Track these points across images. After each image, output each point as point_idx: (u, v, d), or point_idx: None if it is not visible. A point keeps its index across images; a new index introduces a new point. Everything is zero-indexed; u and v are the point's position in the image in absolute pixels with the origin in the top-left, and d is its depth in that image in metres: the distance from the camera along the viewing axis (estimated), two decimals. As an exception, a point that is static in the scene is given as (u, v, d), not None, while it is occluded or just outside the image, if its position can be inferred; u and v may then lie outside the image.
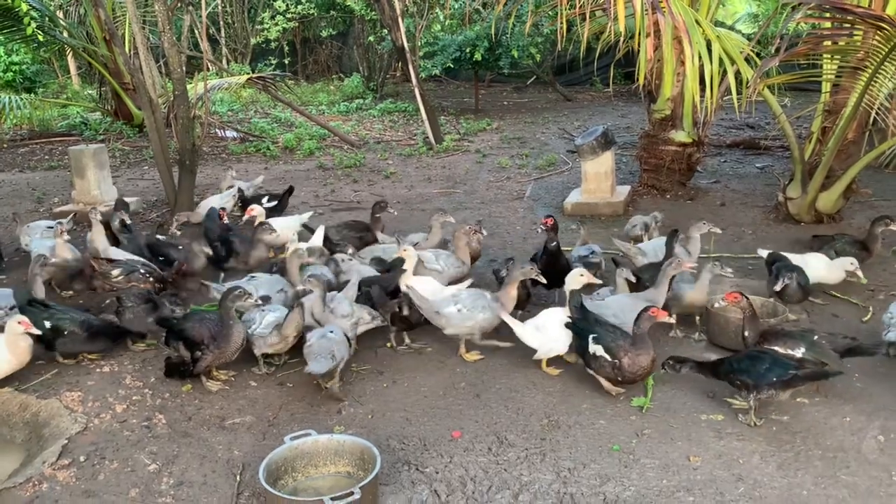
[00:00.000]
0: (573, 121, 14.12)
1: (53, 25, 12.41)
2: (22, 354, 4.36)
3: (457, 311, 4.64)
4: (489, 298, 4.71)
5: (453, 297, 4.75)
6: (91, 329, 4.63)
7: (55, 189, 9.71)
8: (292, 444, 3.56)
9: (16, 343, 4.32)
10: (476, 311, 4.64)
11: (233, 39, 19.95)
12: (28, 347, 4.38)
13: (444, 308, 4.68)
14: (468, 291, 4.87)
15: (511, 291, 4.71)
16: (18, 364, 4.38)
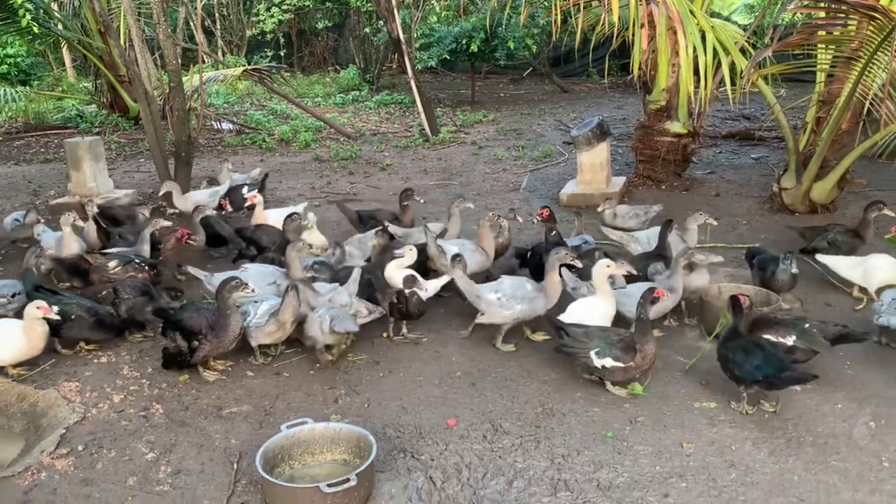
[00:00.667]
0: (569, 112, 14.13)
1: (48, 17, 12.36)
2: (37, 340, 4.38)
3: (496, 298, 4.64)
4: (531, 289, 4.69)
5: (496, 284, 4.75)
6: (97, 317, 4.65)
7: (51, 182, 9.71)
8: (289, 433, 3.59)
9: (32, 328, 4.34)
10: (515, 300, 4.63)
11: (228, 31, 19.89)
12: (44, 334, 4.40)
13: (485, 294, 4.68)
14: (510, 280, 4.82)
15: (554, 278, 4.67)
16: (32, 350, 4.40)
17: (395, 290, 4.86)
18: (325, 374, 4.48)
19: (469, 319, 5.01)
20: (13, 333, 4.34)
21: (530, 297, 4.65)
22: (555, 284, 4.68)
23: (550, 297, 4.67)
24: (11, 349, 4.32)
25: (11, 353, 4.34)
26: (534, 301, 4.65)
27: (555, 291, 4.68)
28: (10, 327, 4.38)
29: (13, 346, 4.32)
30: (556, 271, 4.68)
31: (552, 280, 4.67)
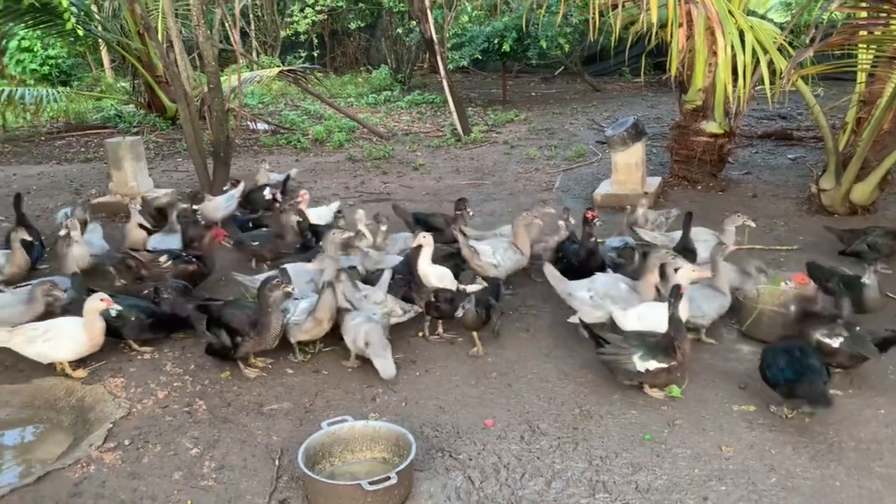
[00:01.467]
0: (602, 111, 14.06)
1: (89, 20, 12.62)
2: (96, 336, 4.46)
3: (588, 297, 4.65)
4: (624, 288, 4.68)
5: (589, 282, 4.75)
6: (153, 316, 4.75)
7: (92, 181, 9.91)
8: (329, 430, 3.65)
9: (92, 324, 4.42)
10: (607, 300, 4.63)
11: (262, 32, 20.12)
12: (102, 330, 4.47)
13: (576, 291, 4.69)
14: (604, 278, 4.81)
15: (650, 279, 4.66)
16: (92, 347, 4.48)
17: (431, 289, 4.89)
18: (362, 373, 4.53)
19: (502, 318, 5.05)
20: (74, 330, 4.41)
21: (624, 297, 4.64)
22: (650, 285, 4.67)
23: (645, 297, 4.66)
24: (73, 345, 4.41)
25: (73, 349, 4.42)
26: (628, 301, 4.63)
27: (649, 292, 4.66)
28: (71, 324, 4.46)
29: (75, 341, 4.40)
30: (655, 272, 4.67)
31: (648, 280, 4.67)
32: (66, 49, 15.92)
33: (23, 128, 13.95)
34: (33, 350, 4.41)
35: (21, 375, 4.60)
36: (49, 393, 4.40)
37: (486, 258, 5.44)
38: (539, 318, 5.25)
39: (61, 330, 4.38)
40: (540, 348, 4.78)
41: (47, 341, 4.36)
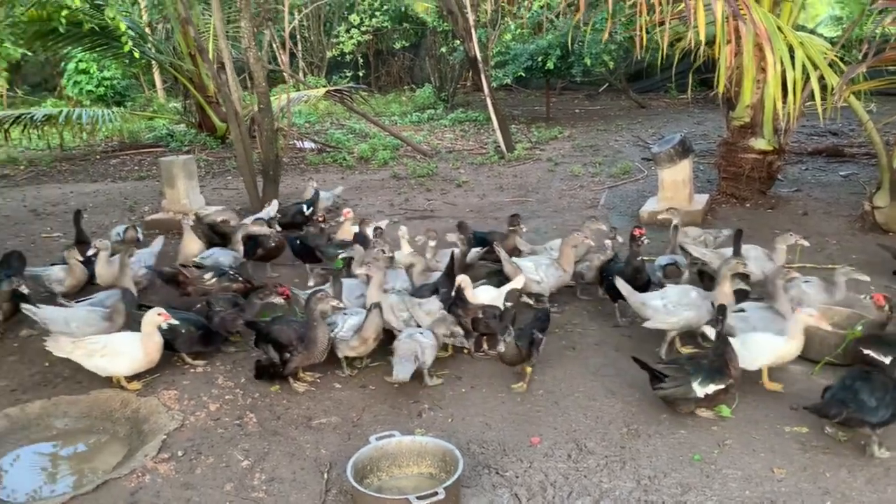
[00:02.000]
0: (647, 128, 13.98)
1: (143, 42, 13.05)
2: (153, 352, 4.55)
3: (662, 305, 4.67)
4: (695, 296, 4.69)
5: (662, 293, 4.78)
6: (204, 329, 4.87)
7: (145, 198, 10.20)
8: (377, 445, 3.69)
9: (150, 339, 4.52)
10: (681, 307, 4.65)
11: (309, 53, 20.51)
12: (159, 345, 4.57)
13: (650, 300, 4.71)
14: (677, 288, 4.82)
15: (725, 288, 4.67)
16: (148, 362, 4.57)
17: (479, 306, 4.91)
18: (408, 388, 4.56)
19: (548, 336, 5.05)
20: (131, 346, 4.52)
21: (697, 304, 4.65)
22: (725, 295, 4.67)
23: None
24: (130, 361, 4.52)
25: (129, 365, 4.53)
26: (700, 308, 4.64)
27: (724, 300, 4.63)
28: (129, 340, 4.57)
29: (131, 358, 4.52)
30: (727, 282, 4.67)
31: (723, 290, 4.67)
32: (121, 71, 16.44)
33: (79, 147, 14.43)
34: (92, 363, 4.54)
35: (79, 387, 4.74)
36: (105, 404, 4.54)
37: (528, 275, 5.45)
38: (585, 336, 5.23)
39: (119, 346, 4.50)
40: (587, 366, 4.76)
41: (105, 356, 4.48)
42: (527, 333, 4.47)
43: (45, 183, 11.66)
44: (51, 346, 4.60)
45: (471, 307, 4.92)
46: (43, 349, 5.27)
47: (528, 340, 4.43)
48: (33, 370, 5.02)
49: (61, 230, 8.72)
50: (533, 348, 4.44)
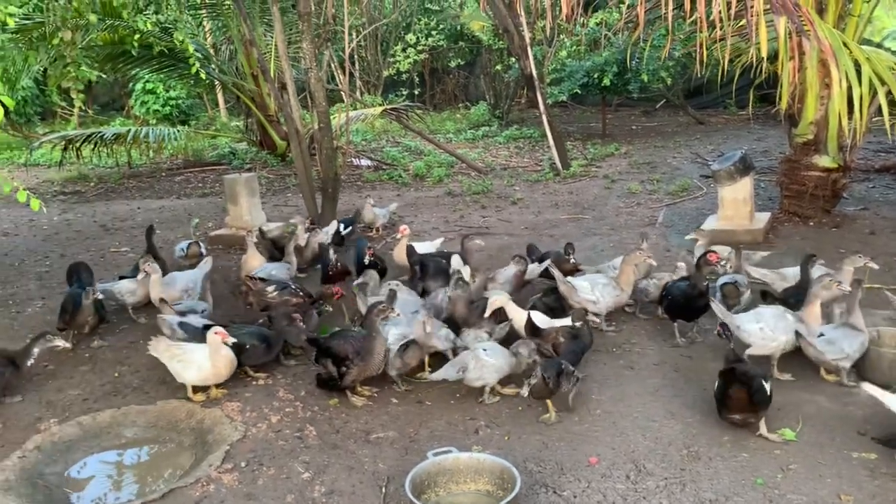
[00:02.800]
0: (706, 144, 13.77)
1: (207, 63, 13.48)
2: (220, 368, 4.65)
3: (759, 329, 4.61)
4: (791, 319, 4.62)
5: (755, 314, 4.68)
6: (267, 343, 4.99)
7: (209, 214, 10.50)
8: (435, 460, 3.72)
9: (217, 354, 4.64)
10: (779, 331, 4.58)
11: (366, 72, 20.86)
12: (227, 360, 4.67)
13: (745, 324, 4.64)
14: (770, 310, 4.73)
15: (815, 310, 4.59)
16: (215, 377, 4.68)
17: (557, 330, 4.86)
18: (465, 405, 4.59)
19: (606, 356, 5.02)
20: (201, 358, 4.67)
21: (792, 327, 4.56)
22: (815, 316, 4.58)
23: (810, 327, 4.56)
24: (197, 372, 4.67)
25: (197, 375, 4.67)
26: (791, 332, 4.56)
27: (814, 322, 4.56)
28: (200, 352, 4.70)
29: (199, 369, 4.66)
30: (817, 302, 4.58)
31: (812, 311, 4.58)
32: (186, 91, 16.99)
33: (146, 164, 14.95)
34: (171, 367, 4.74)
35: (147, 397, 4.92)
36: (172, 414, 4.68)
37: (583, 294, 5.41)
38: (644, 356, 5.17)
39: (192, 355, 4.66)
40: (645, 386, 4.71)
41: (181, 362, 4.65)
42: (555, 365, 4.26)
43: (113, 199, 12.12)
44: (152, 346, 4.81)
45: (548, 333, 4.86)
46: (113, 359, 5.53)
47: (555, 372, 4.21)
48: (104, 380, 5.22)
49: (129, 245, 9.05)
50: (562, 380, 4.21)
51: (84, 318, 5.72)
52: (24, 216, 11.09)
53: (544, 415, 4.37)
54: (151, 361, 5.44)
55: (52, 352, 5.64)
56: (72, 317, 5.68)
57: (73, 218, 10.80)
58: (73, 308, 5.68)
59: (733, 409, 4.00)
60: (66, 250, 8.96)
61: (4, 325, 6.45)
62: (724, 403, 4.05)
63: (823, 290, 4.58)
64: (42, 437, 4.45)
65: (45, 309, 6.77)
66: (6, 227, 10.42)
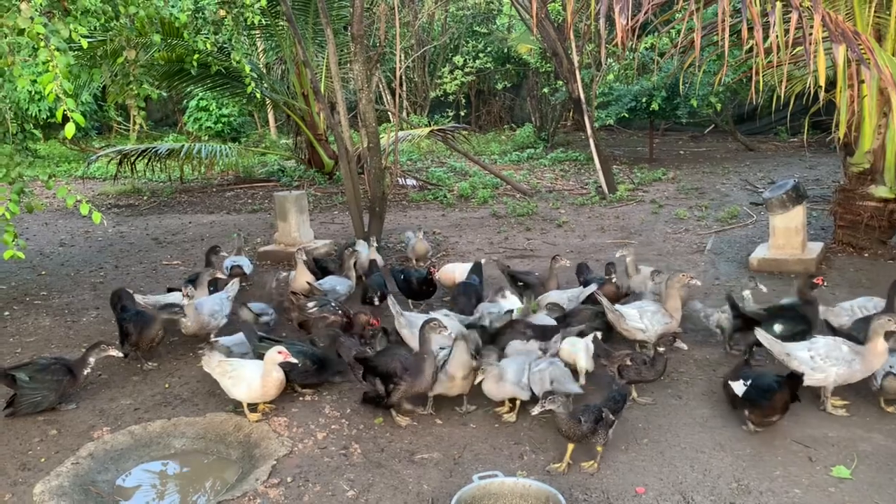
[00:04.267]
0: (756, 171, 13.57)
1: (261, 82, 13.79)
2: (270, 387, 4.66)
3: (809, 357, 4.54)
4: (847, 350, 4.49)
5: (809, 343, 4.60)
6: (320, 362, 5.05)
7: (257, 230, 10.70)
8: (481, 484, 3.71)
9: (269, 374, 4.66)
10: (829, 362, 4.47)
11: (413, 93, 21.10)
12: (276, 381, 4.67)
13: (796, 352, 4.55)
14: (824, 340, 4.61)
15: (878, 346, 4.44)
16: (264, 395, 4.69)
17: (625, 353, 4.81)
18: (510, 429, 4.57)
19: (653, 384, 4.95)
20: (252, 376, 4.68)
21: (847, 359, 4.45)
22: (878, 352, 4.42)
23: (869, 363, 4.44)
24: (248, 390, 4.69)
25: (248, 392, 4.70)
26: (851, 363, 4.44)
27: (876, 358, 4.42)
28: (252, 370, 4.73)
29: (250, 387, 4.68)
30: (879, 338, 4.42)
31: (875, 348, 4.43)
32: (238, 108, 17.40)
33: (197, 179, 15.30)
34: (222, 382, 4.79)
35: (196, 409, 5.00)
36: (220, 427, 4.75)
37: (632, 322, 5.35)
38: (692, 385, 5.09)
39: (243, 372, 4.71)
40: (693, 417, 4.63)
41: (231, 379, 4.72)
42: (593, 409, 4.08)
43: (165, 213, 12.43)
44: (204, 361, 4.87)
45: (615, 355, 4.81)
46: (163, 371, 5.65)
47: (594, 417, 4.03)
48: (154, 391, 5.33)
49: (180, 258, 9.25)
50: (599, 427, 4.02)
51: (154, 335, 5.65)
52: (79, 227, 11.45)
53: (554, 464, 4.13)
54: (201, 374, 5.55)
55: (106, 362, 5.81)
56: (140, 336, 5.60)
57: (126, 230, 11.09)
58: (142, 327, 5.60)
59: (777, 410, 4.27)
60: (119, 262, 9.21)
61: (60, 334, 6.64)
62: (762, 407, 4.27)
63: (881, 327, 4.41)
64: (95, 445, 4.55)
65: (100, 319, 6.95)
66: (63, 238, 10.76)
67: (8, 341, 6.48)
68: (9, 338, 6.57)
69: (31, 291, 7.99)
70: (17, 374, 4.91)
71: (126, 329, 5.65)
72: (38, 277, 8.58)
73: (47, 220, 12.15)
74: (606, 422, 4.06)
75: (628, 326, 5.34)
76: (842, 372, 4.46)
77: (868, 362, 4.43)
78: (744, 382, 4.38)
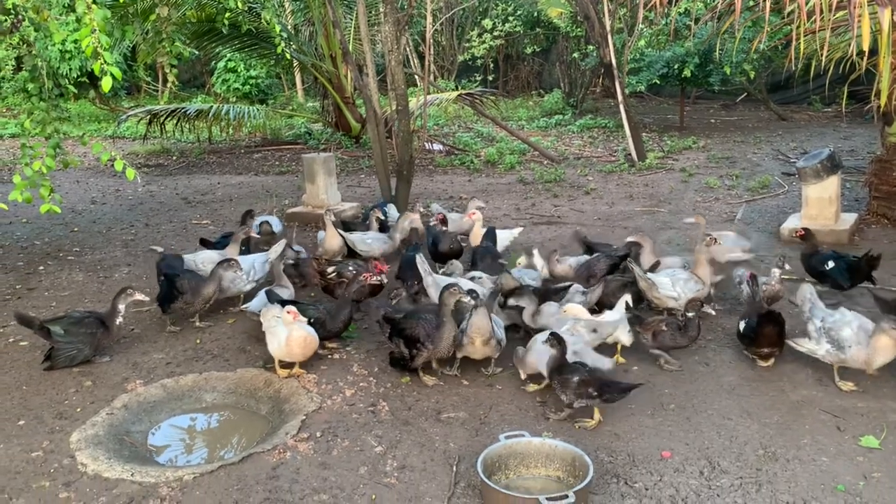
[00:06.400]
0: (788, 141, 13.33)
1: (289, 43, 13.73)
2: (294, 347, 4.65)
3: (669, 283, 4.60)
4: (857, 328, 4.40)
5: (854, 319, 4.49)
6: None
7: (285, 192, 10.74)
8: (507, 443, 3.74)
9: (290, 335, 4.67)
10: (862, 345, 4.36)
11: (440, 56, 20.89)
12: (299, 341, 4.66)
13: (841, 331, 4.44)
14: (864, 318, 4.50)
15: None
16: (289, 354, 4.71)
17: (659, 319, 4.80)
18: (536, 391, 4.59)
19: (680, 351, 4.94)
20: (282, 335, 4.71)
21: (857, 339, 4.37)
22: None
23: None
24: (277, 346, 4.73)
25: (277, 349, 4.74)
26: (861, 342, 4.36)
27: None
28: (283, 329, 4.73)
29: (279, 344, 4.71)
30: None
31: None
32: (266, 70, 17.34)
33: (225, 141, 15.36)
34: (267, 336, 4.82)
35: (227, 364, 5.09)
36: (250, 382, 4.84)
37: (664, 291, 5.32)
38: (719, 353, 5.07)
39: (277, 329, 4.76)
40: (721, 384, 4.63)
41: (270, 334, 4.77)
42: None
43: (194, 173, 12.52)
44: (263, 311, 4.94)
45: (649, 321, 4.79)
46: (194, 327, 5.73)
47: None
48: (186, 346, 5.43)
49: (209, 218, 9.34)
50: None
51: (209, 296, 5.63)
52: (110, 185, 11.58)
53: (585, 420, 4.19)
54: (231, 330, 5.67)
55: (138, 317, 5.92)
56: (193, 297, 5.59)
57: (156, 189, 11.20)
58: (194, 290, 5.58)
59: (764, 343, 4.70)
60: (149, 220, 9.32)
61: (93, 289, 6.77)
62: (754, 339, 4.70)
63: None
64: (128, 397, 4.66)
65: (132, 275, 7.07)
66: (94, 196, 10.90)
67: (43, 295, 6.62)
68: (44, 292, 6.70)
69: (64, 247, 8.13)
70: (53, 327, 5.02)
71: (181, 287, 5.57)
72: (70, 234, 8.73)
73: (79, 177, 12.30)
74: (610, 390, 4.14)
75: (660, 294, 5.31)
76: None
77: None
78: (743, 321, 4.83)
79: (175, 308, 5.62)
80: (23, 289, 6.79)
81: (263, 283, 6.06)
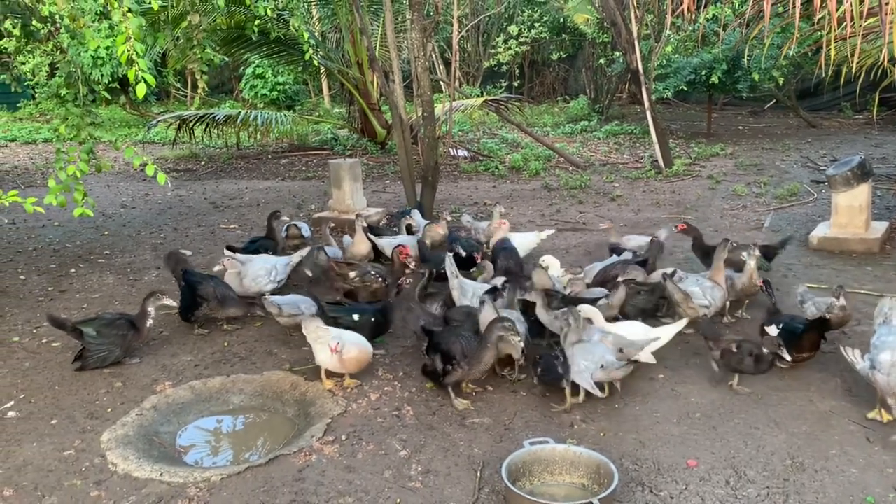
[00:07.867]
0: (818, 149, 13.17)
1: (316, 50, 13.86)
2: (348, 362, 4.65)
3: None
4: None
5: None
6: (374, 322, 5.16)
7: (312, 197, 10.83)
8: (531, 449, 3.75)
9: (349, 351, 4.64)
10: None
11: (466, 63, 20.95)
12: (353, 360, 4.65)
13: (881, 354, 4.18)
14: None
15: None
16: (333, 366, 4.69)
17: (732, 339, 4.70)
18: (560, 397, 4.57)
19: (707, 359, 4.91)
20: (325, 352, 4.70)
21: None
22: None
23: None
24: (324, 356, 4.71)
25: (324, 359, 4.71)
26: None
27: None
28: (328, 340, 4.72)
29: (326, 354, 4.69)
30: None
31: None
32: (293, 76, 17.51)
33: (252, 146, 15.53)
34: (314, 347, 4.78)
35: (254, 367, 5.15)
36: (277, 385, 4.89)
37: (698, 301, 5.29)
38: (746, 361, 5.03)
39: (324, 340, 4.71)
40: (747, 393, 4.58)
41: (319, 345, 4.73)
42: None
43: (222, 178, 12.67)
44: (304, 324, 4.86)
45: (722, 338, 4.69)
46: (221, 330, 5.80)
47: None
48: (214, 349, 5.50)
49: (237, 222, 9.45)
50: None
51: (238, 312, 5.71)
52: (140, 190, 11.76)
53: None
54: (258, 333, 5.73)
55: (167, 320, 6.00)
56: (221, 306, 5.66)
57: (185, 194, 11.35)
58: (222, 296, 5.65)
59: (806, 348, 4.70)
60: (178, 224, 9.45)
61: (123, 291, 6.88)
62: (796, 344, 4.65)
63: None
64: (158, 398, 4.73)
65: (161, 278, 7.17)
66: (124, 200, 11.07)
67: (75, 297, 6.74)
68: (75, 294, 6.83)
69: (94, 250, 8.27)
70: (85, 328, 5.11)
71: (205, 295, 5.62)
72: (101, 237, 8.88)
73: (109, 181, 12.50)
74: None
75: (694, 305, 5.26)
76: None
77: None
78: (776, 326, 4.74)
79: (198, 316, 5.70)
80: (55, 291, 6.93)
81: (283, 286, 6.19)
